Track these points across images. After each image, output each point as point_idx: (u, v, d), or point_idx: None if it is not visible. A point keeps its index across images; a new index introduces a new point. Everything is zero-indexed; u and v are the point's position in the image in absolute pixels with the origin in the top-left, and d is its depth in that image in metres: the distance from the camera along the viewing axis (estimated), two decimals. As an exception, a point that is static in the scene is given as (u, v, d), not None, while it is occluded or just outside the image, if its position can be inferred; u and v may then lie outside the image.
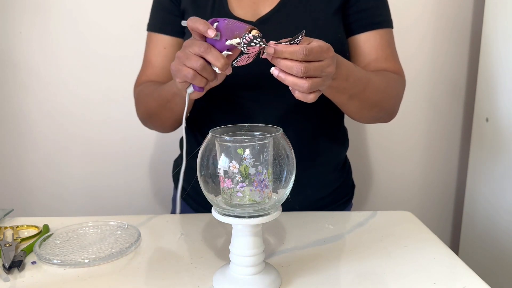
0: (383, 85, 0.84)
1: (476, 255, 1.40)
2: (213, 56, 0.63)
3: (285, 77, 0.60)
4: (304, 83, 0.60)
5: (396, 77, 0.89)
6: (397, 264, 0.70)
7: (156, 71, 0.94)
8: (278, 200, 0.59)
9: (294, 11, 0.86)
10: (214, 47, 0.63)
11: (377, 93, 0.82)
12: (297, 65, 0.59)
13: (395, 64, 0.91)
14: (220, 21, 0.63)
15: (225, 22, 0.63)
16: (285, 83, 0.61)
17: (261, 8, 0.87)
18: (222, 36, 0.63)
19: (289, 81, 0.60)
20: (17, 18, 1.34)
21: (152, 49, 0.95)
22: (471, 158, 1.43)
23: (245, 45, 0.60)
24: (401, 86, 0.91)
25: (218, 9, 0.87)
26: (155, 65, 0.95)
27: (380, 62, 0.89)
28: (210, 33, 0.62)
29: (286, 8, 0.86)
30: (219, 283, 0.61)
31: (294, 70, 0.59)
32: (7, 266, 0.65)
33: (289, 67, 0.59)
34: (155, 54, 0.95)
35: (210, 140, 0.58)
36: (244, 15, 0.86)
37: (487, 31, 1.34)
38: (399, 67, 0.92)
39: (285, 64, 0.59)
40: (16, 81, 1.39)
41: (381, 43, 0.90)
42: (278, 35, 0.83)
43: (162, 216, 0.87)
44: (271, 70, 0.61)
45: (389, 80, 0.86)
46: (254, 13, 0.87)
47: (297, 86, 0.60)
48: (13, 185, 1.46)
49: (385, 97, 0.85)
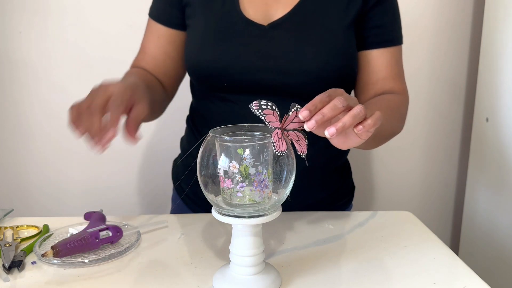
0: (391, 121, 0.82)
1: (476, 255, 1.40)
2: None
3: (347, 124, 0.56)
4: (367, 121, 0.57)
5: (402, 101, 0.88)
6: (397, 264, 0.70)
7: (147, 58, 0.93)
8: (278, 200, 0.59)
9: (308, 18, 0.83)
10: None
11: (386, 131, 0.81)
12: (337, 101, 0.56)
13: (401, 83, 0.90)
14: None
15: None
16: (348, 130, 0.57)
17: (273, 11, 0.84)
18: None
19: (348, 123, 0.56)
20: (17, 18, 1.34)
21: (148, 36, 0.94)
22: (471, 158, 1.43)
23: (259, 111, 0.56)
24: (406, 109, 0.90)
25: (229, 7, 0.84)
26: (147, 52, 0.94)
27: (387, 81, 0.88)
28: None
29: (300, 14, 0.83)
30: (219, 283, 0.61)
31: (339, 106, 0.56)
32: (7, 266, 0.65)
33: (331, 108, 0.56)
34: (149, 41, 0.94)
35: (210, 140, 0.58)
36: (255, 17, 0.83)
37: (487, 31, 1.34)
38: (404, 87, 0.91)
39: (326, 112, 0.56)
40: (16, 81, 1.39)
41: (391, 61, 0.89)
42: (288, 42, 0.82)
43: (162, 216, 0.87)
44: (327, 134, 0.56)
45: (395, 112, 0.84)
46: (265, 15, 0.84)
47: (362, 128, 0.57)
48: (13, 185, 1.46)
49: (393, 131, 0.85)
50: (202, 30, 0.86)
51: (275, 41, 0.82)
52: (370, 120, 0.57)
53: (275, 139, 0.55)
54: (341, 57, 0.83)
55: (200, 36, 0.86)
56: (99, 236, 0.71)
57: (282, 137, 0.56)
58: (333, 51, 0.83)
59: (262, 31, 0.83)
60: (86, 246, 0.69)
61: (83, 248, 0.69)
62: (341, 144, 0.62)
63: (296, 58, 0.81)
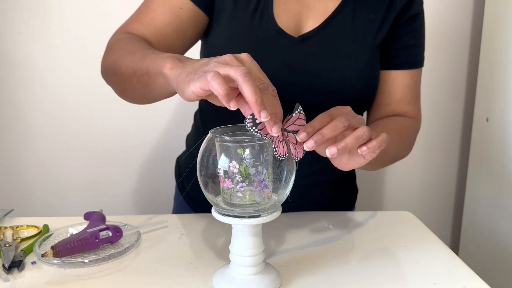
0: (398, 145, 0.81)
1: (476, 255, 1.40)
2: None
3: (349, 145, 0.55)
4: (372, 143, 0.56)
5: (412, 126, 0.87)
6: (397, 264, 0.70)
7: (157, 25, 0.77)
8: (278, 200, 0.59)
9: (339, 32, 0.80)
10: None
11: (391, 155, 0.80)
12: (338, 121, 0.55)
13: (415, 107, 0.89)
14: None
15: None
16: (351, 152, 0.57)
17: (305, 20, 0.81)
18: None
19: (351, 145, 0.55)
20: (17, 18, 1.34)
21: (160, 3, 0.78)
22: (471, 158, 1.43)
23: (253, 128, 0.53)
24: (415, 135, 0.89)
25: (262, 11, 0.79)
26: (158, 19, 0.78)
27: (402, 104, 0.87)
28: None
29: (332, 27, 0.80)
30: (219, 283, 0.61)
31: (340, 126, 0.55)
32: (7, 266, 0.65)
33: (331, 129, 0.55)
34: (164, 7, 0.78)
35: (210, 140, 0.58)
36: (287, 26, 0.79)
37: (487, 31, 1.34)
38: (418, 111, 0.90)
39: (326, 133, 0.55)
40: (16, 81, 1.39)
41: (410, 84, 0.87)
42: (316, 60, 0.79)
43: (162, 216, 0.87)
44: (327, 153, 0.55)
45: (403, 136, 0.84)
46: (297, 25, 0.80)
47: (366, 150, 0.56)
48: (13, 185, 1.46)
49: (398, 155, 0.84)
50: (230, 29, 0.80)
51: (303, 57, 0.80)
52: (375, 142, 0.56)
53: (276, 143, 0.55)
54: (365, 78, 0.82)
55: (228, 36, 0.81)
56: (99, 236, 0.71)
57: (283, 141, 0.56)
58: (358, 72, 0.81)
59: (292, 43, 0.80)
60: (86, 246, 0.69)
61: (83, 248, 0.69)
62: (344, 165, 0.61)
63: (321, 77, 0.80)
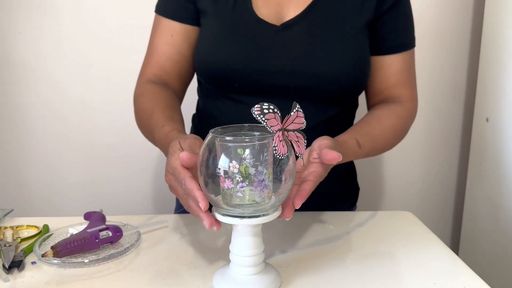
0: (392, 136, 0.86)
1: (476, 255, 1.40)
2: (194, 201, 0.58)
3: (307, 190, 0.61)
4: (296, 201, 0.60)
5: (403, 118, 0.88)
6: (397, 264, 0.70)
7: (161, 61, 0.88)
8: (278, 200, 0.59)
9: (321, 19, 0.82)
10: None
11: (386, 144, 0.85)
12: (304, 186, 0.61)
13: (410, 90, 0.90)
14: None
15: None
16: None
17: (286, 10, 0.83)
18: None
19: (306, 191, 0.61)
20: (17, 18, 1.34)
21: (159, 36, 0.88)
22: (471, 158, 1.43)
23: (260, 116, 0.55)
24: (410, 121, 0.90)
25: (240, 6, 0.82)
26: (160, 54, 0.88)
27: (397, 88, 0.88)
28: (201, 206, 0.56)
29: (313, 15, 0.82)
30: (219, 283, 0.61)
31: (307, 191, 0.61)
32: (7, 266, 0.65)
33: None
34: (161, 42, 0.87)
35: (210, 140, 0.58)
36: (268, 17, 0.82)
37: (487, 31, 1.34)
38: (413, 92, 0.91)
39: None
40: (16, 81, 1.39)
41: (403, 67, 0.88)
42: (300, 44, 0.81)
43: (162, 216, 0.87)
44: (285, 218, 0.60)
45: (388, 137, 0.86)
46: (278, 15, 0.83)
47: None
48: (13, 185, 1.46)
49: (395, 141, 0.87)
50: (213, 28, 0.84)
51: (288, 43, 0.81)
52: (297, 199, 0.60)
53: (276, 142, 0.55)
54: (353, 60, 0.82)
55: (212, 36, 0.84)
56: (99, 236, 0.71)
57: (283, 140, 0.56)
58: (346, 54, 0.82)
59: (274, 31, 0.82)
60: (86, 246, 0.69)
61: (83, 248, 0.69)
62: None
63: (308, 60, 0.81)
